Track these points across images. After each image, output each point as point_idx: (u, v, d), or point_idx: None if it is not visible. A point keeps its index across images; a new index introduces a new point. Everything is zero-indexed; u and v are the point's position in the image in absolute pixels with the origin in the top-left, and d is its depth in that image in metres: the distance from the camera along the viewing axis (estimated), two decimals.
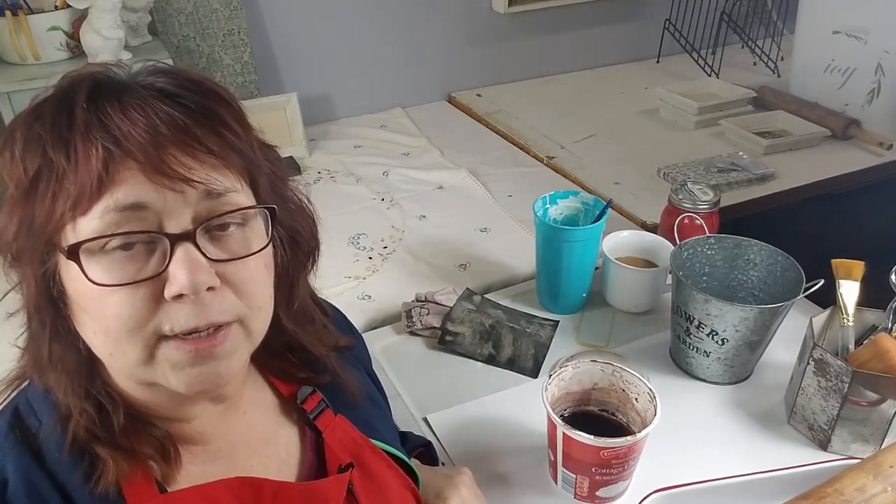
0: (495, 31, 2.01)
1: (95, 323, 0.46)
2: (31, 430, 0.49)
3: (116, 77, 0.47)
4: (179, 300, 0.45)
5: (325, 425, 0.60)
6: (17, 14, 1.31)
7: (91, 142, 0.43)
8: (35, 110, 0.46)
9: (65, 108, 0.45)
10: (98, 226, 0.44)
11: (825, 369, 0.82)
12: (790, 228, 1.34)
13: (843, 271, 0.90)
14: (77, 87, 0.46)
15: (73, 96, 0.45)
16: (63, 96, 0.46)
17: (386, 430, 0.67)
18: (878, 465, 0.70)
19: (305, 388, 0.61)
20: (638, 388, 0.80)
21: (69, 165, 0.43)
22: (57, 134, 0.44)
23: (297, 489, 0.55)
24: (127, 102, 0.45)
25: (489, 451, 0.87)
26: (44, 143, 0.44)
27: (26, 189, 0.45)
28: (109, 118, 0.44)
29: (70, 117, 0.44)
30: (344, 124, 1.87)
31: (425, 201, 1.48)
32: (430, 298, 1.10)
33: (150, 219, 0.44)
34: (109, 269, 0.44)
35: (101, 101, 0.45)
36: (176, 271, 0.44)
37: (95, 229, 0.44)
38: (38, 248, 0.46)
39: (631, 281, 1.09)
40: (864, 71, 1.66)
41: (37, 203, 0.44)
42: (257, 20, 1.71)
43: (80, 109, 0.44)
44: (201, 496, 0.50)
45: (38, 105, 0.46)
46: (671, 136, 1.75)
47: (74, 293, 0.46)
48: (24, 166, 0.45)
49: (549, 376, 0.80)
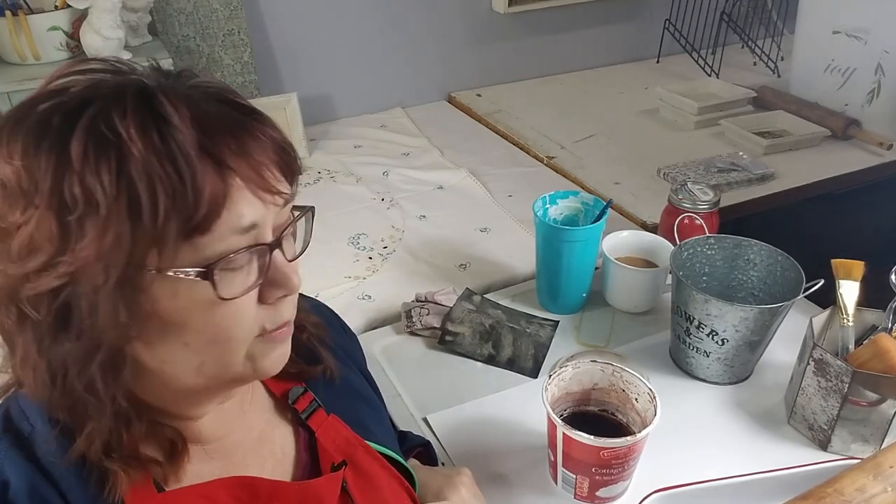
0: (495, 31, 2.01)
1: (197, 335, 0.47)
2: (24, 433, 0.49)
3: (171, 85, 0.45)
4: (281, 299, 0.50)
5: (317, 425, 0.61)
6: (17, 14, 1.31)
7: (202, 158, 0.43)
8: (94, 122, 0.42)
9: (152, 118, 0.42)
10: (220, 247, 0.45)
11: (825, 369, 0.82)
12: (790, 228, 1.34)
13: (843, 271, 0.90)
14: (155, 94, 0.43)
15: (157, 105, 0.43)
16: (142, 103, 0.43)
17: (380, 431, 0.67)
18: (878, 465, 0.69)
19: (297, 388, 0.62)
20: (638, 389, 0.80)
21: (184, 185, 0.42)
22: (156, 148, 0.41)
23: (293, 488, 0.55)
24: (214, 114, 0.45)
25: (489, 451, 0.87)
26: (135, 158, 0.41)
27: (113, 208, 0.41)
28: (212, 133, 0.43)
29: (167, 129, 0.42)
30: (344, 124, 1.87)
31: (425, 201, 1.48)
32: (430, 298, 1.10)
33: (254, 233, 0.47)
34: (230, 282, 0.46)
35: (195, 111, 0.44)
36: (280, 274, 0.49)
37: (217, 250, 0.44)
38: (128, 272, 0.43)
39: (631, 281, 1.09)
40: (864, 71, 1.66)
41: (137, 223, 0.41)
42: (257, 20, 1.71)
43: (181, 120, 0.42)
44: (200, 495, 0.51)
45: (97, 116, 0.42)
46: (671, 136, 1.75)
47: (170, 310, 0.45)
48: (102, 183, 0.41)
49: (549, 376, 0.80)
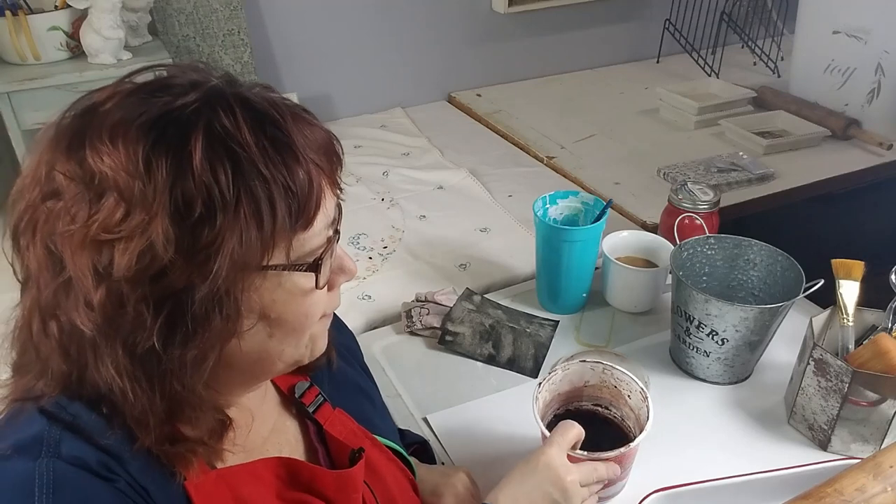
0: (495, 31, 2.01)
1: (282, 325, 0.49)
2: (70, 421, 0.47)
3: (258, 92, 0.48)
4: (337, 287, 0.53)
5: (324, 418, 0.62)
6: (17, 14, 1.31)
7: (304, 159, 0.46)
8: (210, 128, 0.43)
9: (259, 124, 0.45)
10: (317, 241, 0.49)
11: (825, 369, 0.82)
12: (790, 228, 1.34)
13: (843, 271, 0.90)
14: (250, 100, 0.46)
15: (268, 113, 0.46)
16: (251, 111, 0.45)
17: (383, 425, 0.69)
18: (878, 465, 0.70)
19: (303, 383, 0.63)
20: (630, 387, 0.79)
21: (294, 183, 0.45)
22: (267, 152, 0.44)
23: (331, 475, 0.57)
24: (299, 117, 0.48)
25: (489, 451, 0.87)
26: (253, 163, 0.43)
27: (236, 211, 0.42)
28: (303, 136, 0.47)
29: (276, 134, 0.45)
30: (344, 124, 1.87)
31: (425, 201, 1.48)
32: (430, 298, 1.10)
33: (334, 225, 0.51)
34: (324, 273, 0.50)
35: (288, 117, 0.47)
36: (344, 263, 0.53)
37: (318, 243, 0.49)
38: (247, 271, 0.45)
39: (631, 281, 1.09)
40: (864, 71, 1.66)
41: (259, 224, 0.43)
42: (257, 20, 1.71)
43: (288, 125, 0.46)
44: (248, 472, 0.53)
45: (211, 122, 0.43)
46: (671, 136, 1.75)
47: (264, 305, 0.48)
48: (218, 185, 0.42)
49: (539, 385, 0.78)
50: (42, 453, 0.44)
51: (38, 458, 0.44)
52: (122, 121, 0.43)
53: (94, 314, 0.43)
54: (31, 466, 0.43)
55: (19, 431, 0.46)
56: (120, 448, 0.46)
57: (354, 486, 0.57)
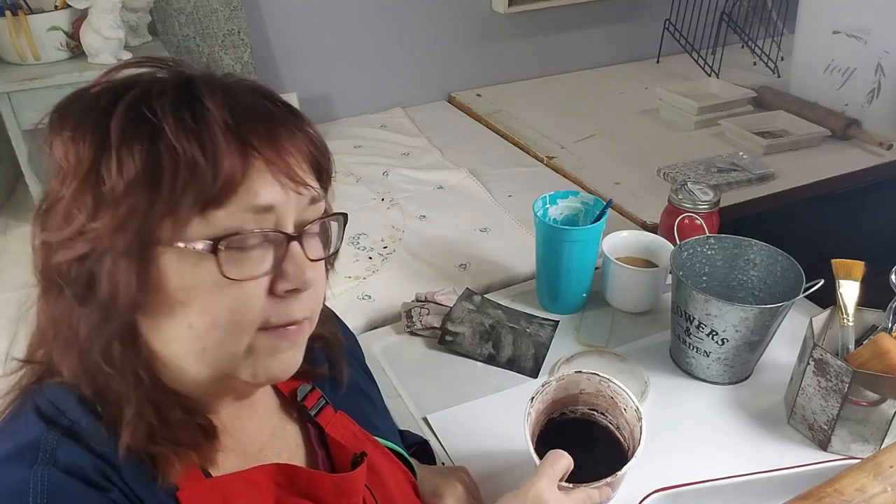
0: (495, 31, 2.01)
1: (201, 316, 0.46)
2: (67, 426, 0.47)
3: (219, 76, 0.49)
4: (290, 294, 0.48)
5: (326, 421, 0.62)
6: (17, 14, 1.31)
7: (227, 137, 0.45)
8: (135, 104, 0.45)
9: (186, 101, 0.45)
10: (231, 223, 0.45)
11: (825, 369, 0.82)
12: (790, 228, 1.34)
13: (843, 271, 0.90)
14: (193, 81, 0.46)
15: (194, 90, 0.45)
16: (180, 89, 0.46)
17: (384, 426, 0.68)
18: (878, 465, 0.70)
19: (305, 386, 0.63)
20: (625, 402, 0.77)
21: (205, 159, 0.44)
22: (185, 126, 0.44)
23: (331, 479, 0.56)
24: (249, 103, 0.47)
25: (489, 451, 0.87)
26: (165, 135, 0.44)
27: (137, 179, 0.43)
28: (242, 118, 0.45)
29: (198, 110, 0.45)
30: (344, 124, 1.87)
31: (425, 201, 1.48)
32: (430, 298, 1.10)
33: (271, 218, 0.47)
34: (239, 263, 0.46)
35: (229, 98, 0.46)
36: (293, 269, 0.48)
37: (229, 226, 0.45)
38: (142, 241, 0.44)
39: (631, 281, 1.09)
40: (864, 71, 1.66)
41: (155, 193, 0.44)
42: (257, 20, 1.71)
43: (213, 104, 0.45)
44: (244, 480, 0.52)
45: (139, 96, 0.45)
46: (671, 136, 1.75)
47: (177, 287, 0.46)
48: (132, 156, 0.43)
49: (531, 400, 0.75)
50: (38, 460, 0.44)
51: (34, 465, 0.44)
52: (67, 102, 0.47)
53: (42, 282, 0.48)
54: (26, 474, 0.43)
55: (17, 436, 0.46)
56: (116, 456, 0.46)
57: (354, 491, 0.57)
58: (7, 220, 1.41)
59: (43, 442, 0.45)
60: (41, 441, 0.45)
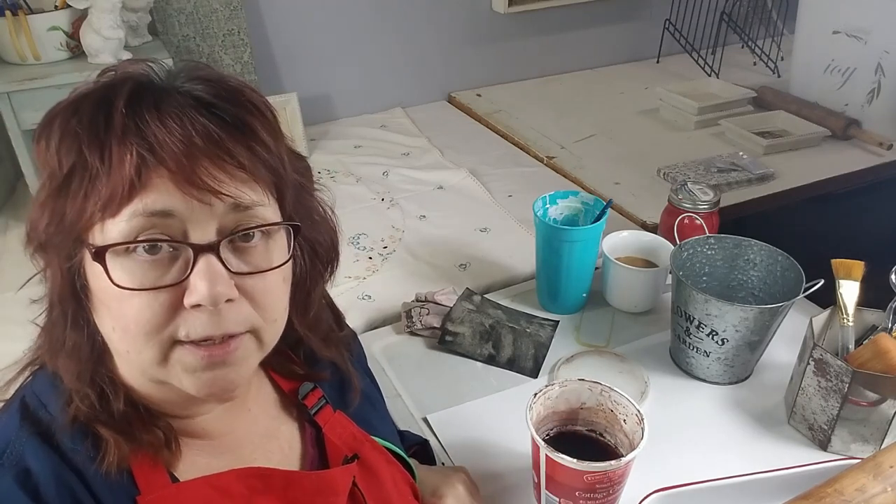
0: (495, 31, 2.01)
1: (115, 321, 0.47)
2: (43, 421, 0.49)
3: (156, 81, 0.48)
4: (197, 309, 0.46)
5: (324, 421, 0.61)
6: (17, 14, 1.31)
7: (126, 146, 0.44)
8: (73, 105, 0.46)
9: (103, 109, 0.45)
10: (125, 229, 0.44)
11: (825, 369, 0.82)
12: (790, 228, 1.34)
13: (843, 271, 0.90)
14: (118, 88, 0.46)
15: (112, 97, 0.45)
16: (103, 96, 0.46)
17: (383, 427, 0.68)
18: (878, 465, 0.69)
19: (307, 385, 0.62)
20: (626, 410, 0.77)
21: (103, 167, 0.44)
22: (94, 134, 0.45)
23: (308, 478, 0.56)
24: (165, 110, 0.45)
25: (489, 452, 0.87)
26: (80, 141, 0.45)
27: (59, 184, 0.46)
28: (147, 125, 0.45)
29: (108, 119, 0.45)
30: (344, 124, 1.87)
31: (425, 201, 1.48)
32: (430, 298, 1.10)
33: (175, 227, 0.45)
34: (133, 273, 0.45)
35: (140, 106, 0.45)
36: (197, 282, 0.45)
37: (122, 232, 0.44)
38: (66, 243, 0.47)
39: (631, 281, 1.09)
40: (864, 71, 1.66)
41: (69, 199, 0.45)
42: (257, 20, 1.71)
43: (119, 113, 0.45)
44: (212, 485, 0.51)
45: (77, 100, 0.47)
46: (671, 136, 1.75)
47: (97, 290, 0.47)
48: (59, 160, 0.46)
49: (535, 395, 0.77)
50: (2, 463, 0.46)
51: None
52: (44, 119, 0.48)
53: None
54: None
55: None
56: (85, 462, 0.47)
57: (334, 490, 0.56)
58: (7, 220, 1.41)
59: (12, 443, 0.47)
60: (10, 442, 0.47)
